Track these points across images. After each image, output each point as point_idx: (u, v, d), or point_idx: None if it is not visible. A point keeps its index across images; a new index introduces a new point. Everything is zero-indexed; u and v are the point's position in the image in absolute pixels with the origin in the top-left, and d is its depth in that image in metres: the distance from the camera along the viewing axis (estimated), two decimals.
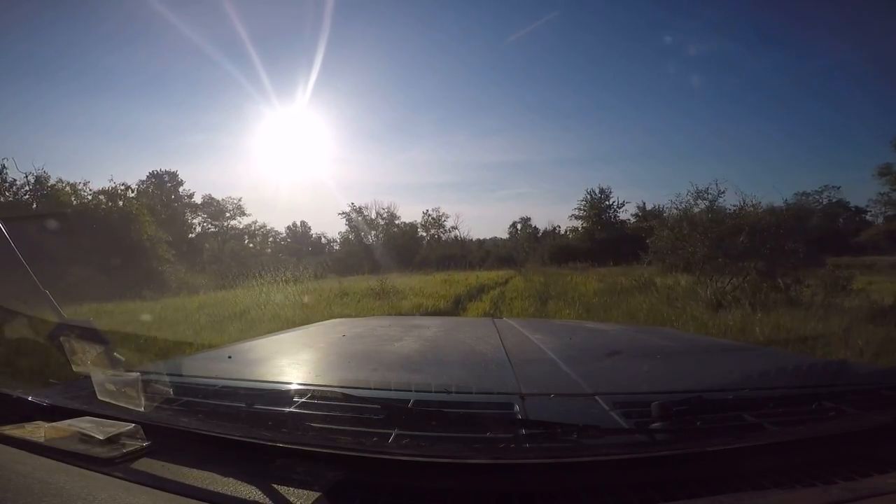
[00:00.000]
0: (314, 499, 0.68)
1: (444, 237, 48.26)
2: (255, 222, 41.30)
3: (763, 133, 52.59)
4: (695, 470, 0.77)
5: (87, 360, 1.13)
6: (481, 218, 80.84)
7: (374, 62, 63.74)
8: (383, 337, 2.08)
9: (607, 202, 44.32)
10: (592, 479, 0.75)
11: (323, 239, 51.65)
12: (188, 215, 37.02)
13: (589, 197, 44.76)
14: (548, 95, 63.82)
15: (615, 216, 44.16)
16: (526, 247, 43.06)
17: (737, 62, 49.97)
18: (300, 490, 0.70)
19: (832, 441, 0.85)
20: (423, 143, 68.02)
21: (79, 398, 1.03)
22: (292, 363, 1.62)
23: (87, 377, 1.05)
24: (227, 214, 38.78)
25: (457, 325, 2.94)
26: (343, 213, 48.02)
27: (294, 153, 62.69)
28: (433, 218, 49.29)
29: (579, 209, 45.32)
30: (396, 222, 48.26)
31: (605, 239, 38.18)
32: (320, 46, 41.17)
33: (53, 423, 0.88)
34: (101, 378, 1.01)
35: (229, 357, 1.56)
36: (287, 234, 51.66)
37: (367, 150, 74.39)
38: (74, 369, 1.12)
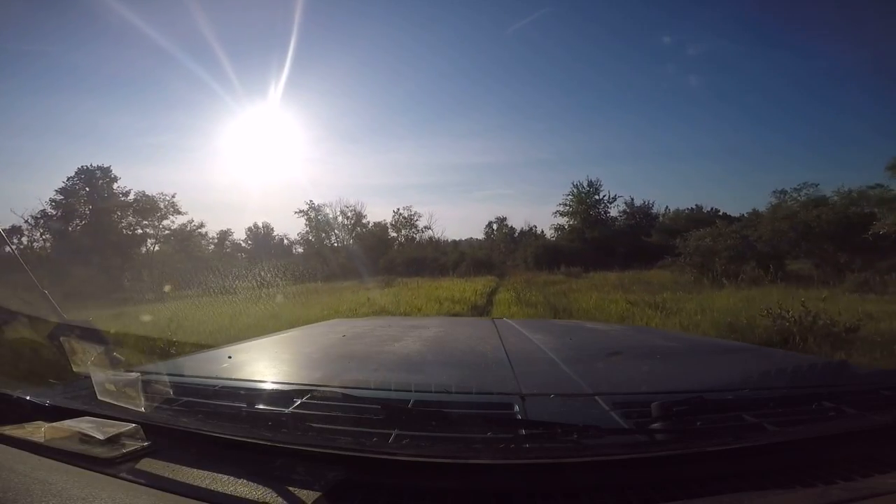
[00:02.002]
0: (314, 499, 0.68)
1: (417, 238, 42.95)
2: (190, 221, 34.30)
3: (743, 132, 52.06)
4: (695, 470, 0.77)
5: (87, 361, 1.13)
6: (458, 219, 79.11)
7: (350, 63, 60.62)
8: (383, 337, 2.08)
9: (597, 196, 38.35)
10: (592, 479, 0.75)
11: (286, 241, 46.10)
12: (116, 215, 31.54)
13: (576, 190, 38.64)
14: (526, 98, 62.97)
15: (605, 212, 38.58)
16: (503, 248, 38.19)
17: (722, 61, 49.45)
18: (300, 490, 0.70)
19: (832, 441, 0.85)
20: (400, 144, 65.48)
21: (79, 398, 1.03)
22: (292, 363, 1.62)
23: (88, 377, 1.05)
24: (159, 213, 32.81)
25: (457, 325, 2.95)
26: (300, 211, 41.85)
27: (263, 153, 59.62)
28: (404, 217, 43.68)
29: (565, 204, 39.07)
30: (364, 221, 42.88)
31: (596, 238, 33.99)
32: (292, 45, 38.82)
33: (53, 424, 0.88)
34: (102, 378, 1.01)
35: (229, 357, 1.56)
36: (248, 235, 47.11)
37: (342, 151, 70.84)
38: (74, 370, 1.12)
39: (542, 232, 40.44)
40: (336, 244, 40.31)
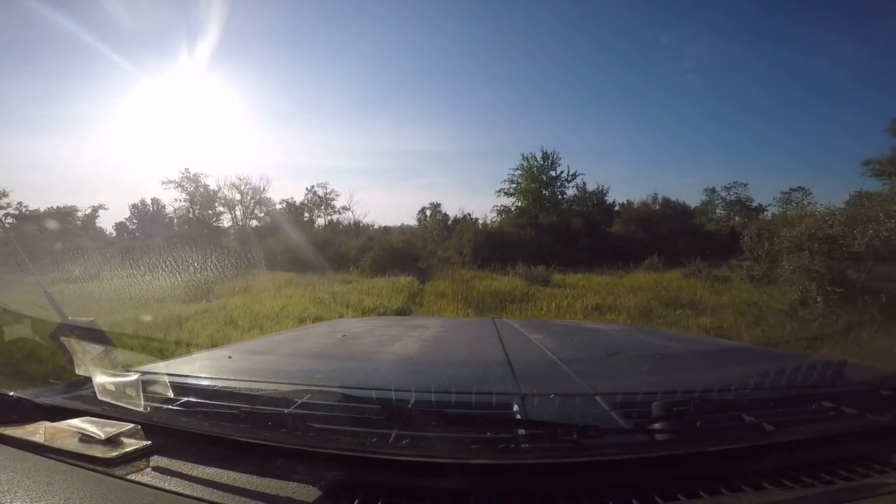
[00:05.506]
0: (314, 499, 0.68)
1: (336, 220, 34.57)
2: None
3: (672, 130, 50.37)
4: (695, 470, 0.77)
5: (87, 361, 1.13)
6: (394, 206, 74.02)
7: (280, 34, 51.66)
8: (383, 337, 2.08)
9: (553, 172, 28.88)
10: (592, 479, 0.75)
11: (175, 220, 36.10)
12: None
13: (526, 164, 28.91)
14: (465, 88, 58.62)
15: (562, 193, 29.57)
16: (435, 236, 28.68)
17: (664, 55, 46.78)
18: (300, 490, 0.70)
19: (832, 441, 0.85)
20: (333, 126, 58.20)
21: (79, 398, 1.03)
22: (292, 363, 1.62)
23: (88, 378, 1.05)
24: None
25: (457, 325, 2.95)
26: (170, 181, 31.34)
27: (173, 128, 51.07)
28: (319, 196, 34.33)
29: (510, 181, 29.45)
30: (267, 198, 33.55)
31: (554, 225, 25.26)
32: (216, 12, 30.06)
33: (54, 424, 0.88)
34: (102, 378, 1.01)
35: (229, 357, 1.56)
36: (133, 213, 39.08)
37: (269, 129, 62.15)
38: (75, 370, 1.13)
39: (478, 220, 29.77)
40: (230, 226, 32.38)
